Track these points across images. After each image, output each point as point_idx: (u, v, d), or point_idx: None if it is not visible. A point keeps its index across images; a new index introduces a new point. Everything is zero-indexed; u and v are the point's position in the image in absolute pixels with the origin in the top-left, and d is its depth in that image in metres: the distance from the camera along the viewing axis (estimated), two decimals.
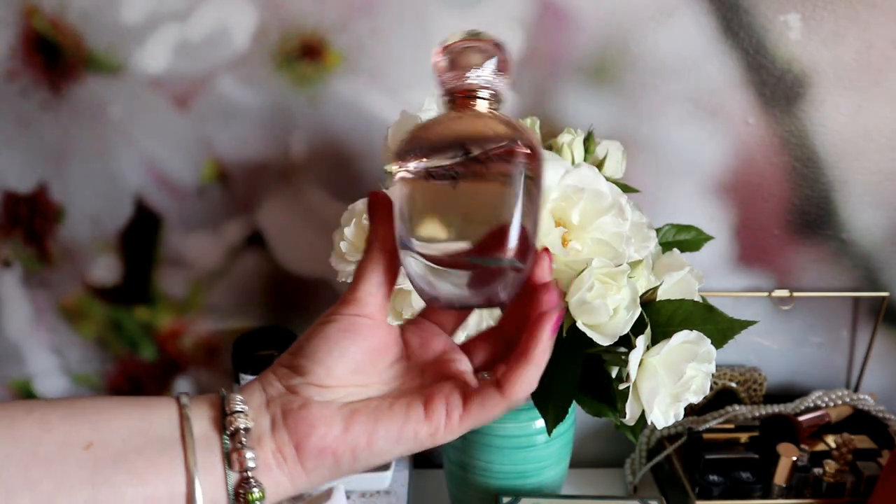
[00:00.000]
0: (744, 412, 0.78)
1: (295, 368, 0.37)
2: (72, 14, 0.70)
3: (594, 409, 0.54)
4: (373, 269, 0.37)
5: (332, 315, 0.37)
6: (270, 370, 0.38)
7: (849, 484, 0.70)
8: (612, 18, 0.70)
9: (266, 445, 0.35)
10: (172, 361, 0.84)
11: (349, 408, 0.36)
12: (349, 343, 0.36)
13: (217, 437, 0.35)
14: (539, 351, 0.35)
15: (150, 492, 0.33)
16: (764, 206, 0.77)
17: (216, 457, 0.34)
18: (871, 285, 0.80)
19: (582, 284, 0.48)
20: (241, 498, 0.34)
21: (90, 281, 0.80)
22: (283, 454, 0.35)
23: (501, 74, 0.37)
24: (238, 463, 0.34)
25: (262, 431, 0.35)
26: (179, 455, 0.34)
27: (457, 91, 0.36)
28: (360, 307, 0.37)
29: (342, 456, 0.35)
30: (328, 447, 0.35)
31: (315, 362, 0.36)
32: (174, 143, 0.75)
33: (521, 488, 0.67)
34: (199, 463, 0.34)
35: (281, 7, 0.70)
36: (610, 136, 0.65)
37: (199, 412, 0.35)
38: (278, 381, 0.37)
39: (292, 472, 0.35)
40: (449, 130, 0.35)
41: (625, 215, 0.52)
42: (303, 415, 0.35)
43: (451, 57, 0.36)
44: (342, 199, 0.77)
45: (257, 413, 0.36)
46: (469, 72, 0.36)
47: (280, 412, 0.36)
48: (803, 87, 0.73)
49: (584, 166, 0.53)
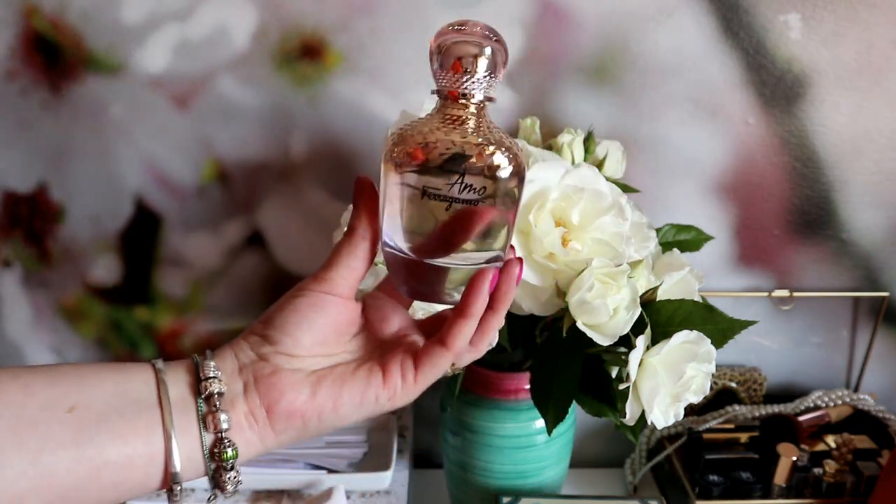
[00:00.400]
0: (744, 412, 0.78)
1: (265, 338, 0.39)
2: (72, 14, 0.70)
3: (594, 409, 0.54)
4: (349, 252, 0.39)
5: (303, 289, 0.39)
6: (242, 338, 0.40)
7: (849, 484, 0.70)
8: (612, 18, 0.70)
9: (239, 408, 0.38)
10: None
11: (316, 375, 0.39)
12: (317, 317, 0.39)
13: (192, 400, 0.37)
14: (475, 306, 0.38)
15: (130, 451, 0.35)
16: (764, 206, 0.77)
17: (192, 418, 0.37)
18: (871, 285, 0.80)
19: (582, 284, 0.48)
20: (215, 456, 0.37)
21: (90, 281, 0.80)
22: (255, 416, 0.38)
23: (495, 76, 0.37)
24: (213, 424, 0.37)
25: (235, 395, 0.38)
26: (157, 417, 0.36)
27: (449, 94, 0.37)
28: (330, 286, 0.39)
29: (310, 419, 0.38)
30: (297, 410, 0.38)
31: (284, 333, 0.39)
32: (174, 143, 0.75)
33: (521, 488, 0.67)
34: (176, 424, 0.36)
35: (281, 7, 0.70)
36: (610, 136, 0.65)
37: (174, 377, 0.38)
38: (250, 349, 0.39)
39: (262, 432, 0.38)
40: (445, 149, 0.36)
41: (625, 215, 0.52)
42: (273, 381, 0.38)
43: (444, 51, 0.37)
44: (342, 199, 0.77)
45: (230, 378, 0.38)
46: (463, 75, 0.36)
47: (252, 378, 0.38)
48: (803, 87, 0.73)
49: (584, 166, 0.53)
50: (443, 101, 0.38)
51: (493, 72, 0.37)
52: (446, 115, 0.37)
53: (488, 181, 0.36)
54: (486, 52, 0.36)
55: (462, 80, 0.36)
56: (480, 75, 0.36)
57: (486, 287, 0.38)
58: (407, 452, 0.78)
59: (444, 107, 0.37)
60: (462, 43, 0.36)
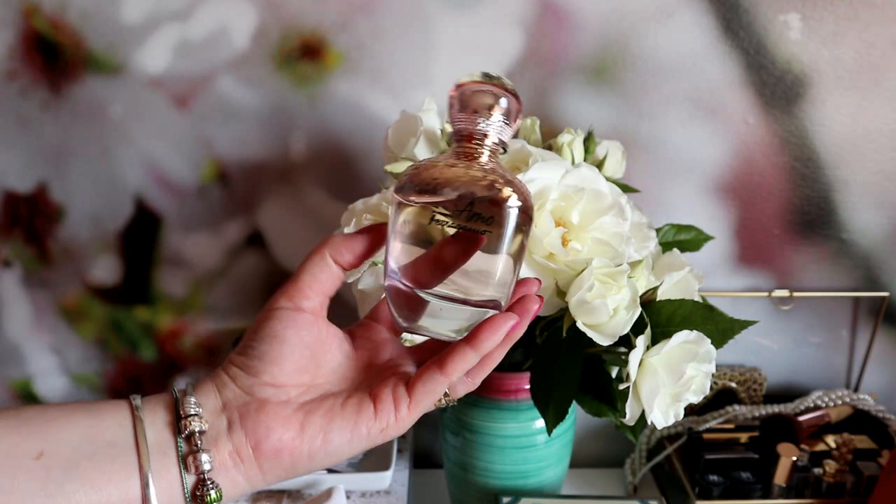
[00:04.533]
0: (744, 412, 0.78)
1: (247, 369, 0.38)
2: (72, 14, 0.70)
3: (594, 409, 0.54)
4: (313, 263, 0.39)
5: (273, 309, 0.38)
6: (223, 370, 0.38)
7: (849, 484, 0.70)
8: (612, 18, 0.71)
9: (223, 447, 0.36)
10: (172, 361, 0.84)
11: (304, 409, 0.37)
12: (292, 336, 0.38)
13: (172, 440, 0.35)
14: (487, 343, 0.37)
15: (103, 498, 0.33)
16: (764, 206, 0.77)
17: (171, 460, 0.35)
18: (871, 285, 0.80)
19: (582, 284, 0.48)
20: (198, 500, 0.35)
21: (90, 281, 0.80)
22: (241, 455, 0.36)
23: (509, 123, 0.38)
24: (194, 466, 0.35)
25: (219, 432, 0.36)
26: (133, 459, 0.34)
27: (464, 134, 0.38)
28: (299, 299, 0.38)
29: (298, 456, 0.36)
30: (285, 448, 0.36)
31: (267, 362, 0.37)
32: (174, 143, 0.75)
33: (521, 488, 0.67)
34: (154, 467, 0.34)
35: (281, 7, 0.70)
36: (610, 136, 0.65)
37: (152, 416, 0.36)
38: (233, 383, 0.38)
39: (248, 471, 0.36)
40: (458, 182, 0.37)
41: (625, 215, 0.52)
42: (260, 417, 0.36)
43: (463, 97, 0.38)
44: (342, 199, 0.77)
45: (213, 415, 0.37)
46: (479, 117, 0.38)
47: (237, 415, 0.37)
48: (803, 87, 0.73)
49: (584, 166, 0.53)
50: (458, 142, 0.39)
51: (507, 119, 0.38)
52: (460, 152, 0.38)
53: (496, 211, 0.37)
54: (502, 101, 0.38)
55: (478, 121, 0.38)
56: (496, 120, 0.38)
57: (504, 330, 0.37)
58: (407, 452, 0.78)
59: (460, 146, 0.39)
60: (481, 91, 0.38)
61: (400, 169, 0.56)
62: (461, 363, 0.37)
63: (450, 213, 0.36)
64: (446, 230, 0.37)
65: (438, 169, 0.38)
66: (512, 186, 0.37)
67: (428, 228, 0.37)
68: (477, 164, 0.38)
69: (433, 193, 0.37)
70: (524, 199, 0.38)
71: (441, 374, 0.37)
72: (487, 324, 0.37)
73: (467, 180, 0.37)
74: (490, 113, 0.38)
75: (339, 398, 0.38)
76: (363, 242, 0.39)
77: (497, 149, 0.39)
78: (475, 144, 0.38)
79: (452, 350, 0.37)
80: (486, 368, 0.39)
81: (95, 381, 0.84)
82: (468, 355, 0.37)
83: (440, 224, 0.37)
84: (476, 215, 0.36)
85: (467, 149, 0.38)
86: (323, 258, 0.39)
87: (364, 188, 0.76)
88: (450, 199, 0.37)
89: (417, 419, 0.38)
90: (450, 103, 0.39)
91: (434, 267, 0.37)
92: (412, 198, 0.37)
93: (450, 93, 0.39)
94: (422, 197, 0.37)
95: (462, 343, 0.37)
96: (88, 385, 0.84)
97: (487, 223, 0.36)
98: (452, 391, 0.40)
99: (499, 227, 0.37)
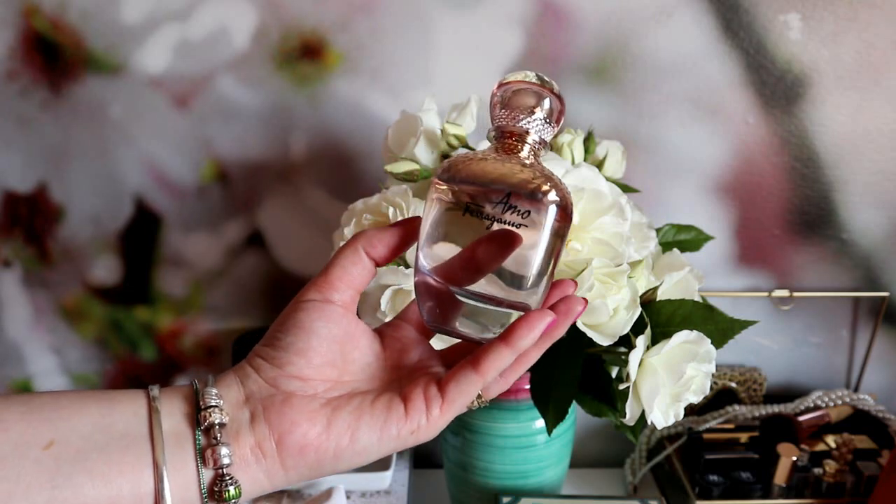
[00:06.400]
0: (744, 412, 0.78)
1: (272, 360, 0.36)
2: (72, 14, 0.70)
3: (594, 409, 0.54)
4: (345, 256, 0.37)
5: (303, 301, 0.37)
6: (247, 362, 0.37)
7: (849, 484, 0.70)
8: (612, 18, 0.71)
9: (244, 440, 0.34)
10: (172, 361, 0.84)
11: (332, 405, 0.35)
12: (321, 328, 0.36)
13: (190, 432, 0.34)
14: (524, 341, 0.35)
15: (113, 491, 0.31)
16: (764, 206, 0.77)
17: (188, 453, 0.33)
18: (871, 285, 0.80)
19: (582, 284, 0.48)
20: (215, 496, 0.33)
21: (90, 281, 0.80)
22: (263, 450, 0.34)
23: (551, 124, 0.38)
24: (212, 460, 0.33)
25: (241, 426, 0.34)
26: (147, 452, 0.32)
27: (506, 131, 0.38)
28: (329, 292, 0.37)
29: (324, 454, 0.35)
30: (310, 444, 0.34)
31: (294, 353, 0.36)
32: (174, 143, 0.75)
33: (521, 488, 0.67)
34: (169, 460, 0.33)
35: (281, 7, 0.70)
36: (610, 136, 0.65)
37: (170, 406, 0.34)
38: (256, 374, 0.36)
39: (270, 468, 0.34)
40: (496, 173, 0.36)
41: (625, 215, 0.52)
42: (285, 410, 0.34)
43: (506, 95, 0.38)
44: (342, 199, 0.77)
45: (234, 408, 0.35)
46: (521, 115, 0.37)
47: (260, 407, 0.35)
48: (803, 87, 0.73)
49: (584, 166, 0.53)
50: (499, 139, 0.38)
51: (549, 119, 0.38)
52: (500, 148, 0.38)
53: (534, 205, 0.35)
54: (545, 101, 0.37)
55: (520, 118, 0.37)
56: (538, 118, 0.37)
57: (541, 328, 0.35)
58: (407, 452, 0.78)
59: (500, 143, 0.38)
60: (524, 90, 0.37)
61: (400, 169, 0.56)
62: (497, 361, 0.35)
63: (484, 205, 0.35)
64: (482, 222, 0.35)
65: (476, 161, 0.37)
66: (551, 183, 0.36)
67: (462, 221, 0.36)
68: (517, 159, 0.37)
69: (469, 183, 0.36)
70: (563, 196, 0.36)
71: (476, 374, 0.35)
72: (524, 321, 0.35)
73: (505, 172, 0.36)
74: (532, 111, 0.37)
75: (369, 396, 0.36)
76: (396, 235, 0.38)
77: (538, 148, 0.38)
78: (515, 141, 0.37)
79: (487, 349, 0.35)
80: (521, 368, 0.38)
81: (95, 381, 0.84)
82: (504, 354, 0.35)
83: (474, 215, 0.35)
84: (512, 208, 0.35)
85: (508, 145, 0.37)
86: (356, 251, 0.38)
87: (364, 188, 0.76)
88: (486, 190, 0.35)
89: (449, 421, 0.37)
90: (491, 101, 0.38)
91: (468, 264, 0.36)
92: (446, 186, 0.36)
93: (492, 91, 0.38)
94: (457, 186, 0.36)
95: (497, 341, 0.35)
96: (88, 385, 0.84)
97: (523, 217, 0.35)
98: (485, 392, 0.38)
99: (536, 223, 0.35)
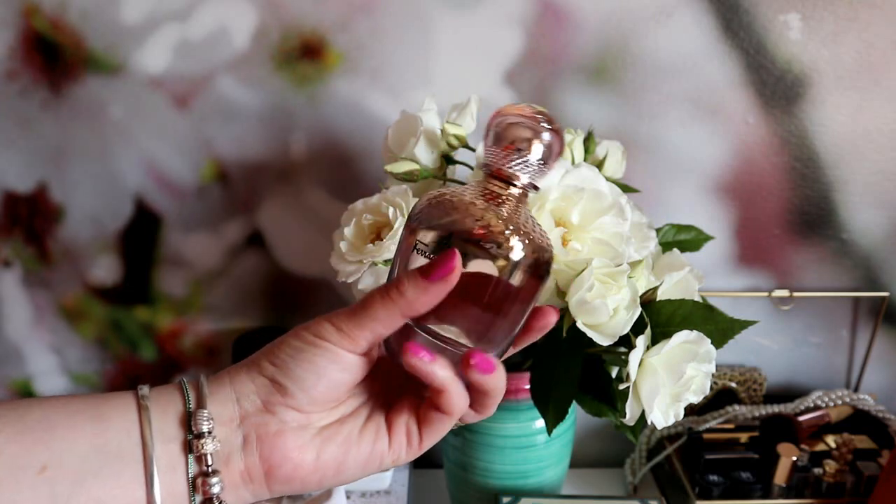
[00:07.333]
0: (744, 412, 0.78)
1: (277, 386, 0.35)
2: (72, 14, 0.70)
3: (594, 409, 0.54)
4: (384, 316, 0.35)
5: (322, 341, 0.35)
6: (247, 374, 0.36)
7: (849, 484, 0.70)
8: (612, 18, 0.70)
9: (234, 465, 0.35)
10: (172, 361, 0.84)
11: (322, 436, 0.36)
12: (335, 375, 0.35)
13: (182, 458, 0.34)
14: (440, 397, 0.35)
15: None
16: (764, 206, 0.77)
17: (180, 476, 0.34)
18: (871, 285, 0.80)
19: (582, 284, 0.48)
20: None
21: (90, 281, 0.80)
22: (252, 475, 0.35)
23: (545, 166, 0.36)
24: (202, 490, 0.34)
25: (233, 450, 0.35)
26: (140, 476, 0.33)
27: (495, 170, 0.36)
28: (353, 346, 0.35)
29: (309, 483, 0.36)
30: (297, 476, 0.35)
31: (300, 388, 0.35)
32: (174, 143, 0.75)
33: (521, 488, 0.67)
34: (161, 482, 0.33)
35: (281, 7, 0.70)
36: (610, 136, 0.65)
37: (162, 428, 0.34)
38: (255, 394, 0.36)
39: (257, 490, 0.36)
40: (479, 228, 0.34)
41: (625, 215, 0.52)
42: (277, 444, 0.35)
43: (500, 129, 0.35)
44: (342, 199, 0.77)
45: (228, 428, 0.35)
46: (513, 156, 0.35)
47: (254, 434, 0.35)
48: (803, 87, 0.73)
49: (584, 166, 0.53)
50: (487, 177, 0.36)
51: (545, 161, 0.36)
52: (485, 191, 0.36)
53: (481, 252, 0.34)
54: (544, 137, 0.35)
55: (512, 159, 0.35)
56: (532, 160, 0.35)
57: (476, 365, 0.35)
58: None
59: (487, 182, 0.36)
60: (520, 125, 0.35)
61: (400, 169, 0.56)
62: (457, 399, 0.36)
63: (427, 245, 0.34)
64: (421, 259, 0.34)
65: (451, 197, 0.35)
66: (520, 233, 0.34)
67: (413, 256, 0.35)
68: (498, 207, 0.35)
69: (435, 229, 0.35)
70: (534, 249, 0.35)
71: (444, 415, 0.36)
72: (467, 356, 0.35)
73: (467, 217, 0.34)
74: (528, 150, 0.35)
75: (358, 422, 0.37)
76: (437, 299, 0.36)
77: (526, 191, 0.36)
78: (501, 186, 0.35)
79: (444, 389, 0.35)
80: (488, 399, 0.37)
81: (95, 381, 0.84)
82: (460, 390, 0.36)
83: (419, 252, 0.35)
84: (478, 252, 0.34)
85: (492, 187, 0.36)
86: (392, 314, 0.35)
87: (364, 188, 0.76)
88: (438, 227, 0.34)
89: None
90: (486, 131, 0.36)
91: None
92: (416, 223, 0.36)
93: (489, 119, 0.36)
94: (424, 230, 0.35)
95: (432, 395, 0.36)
96: (88, 385, 0.84)
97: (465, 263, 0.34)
98: (464, 421, 0.39)
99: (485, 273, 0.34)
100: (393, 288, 0.34)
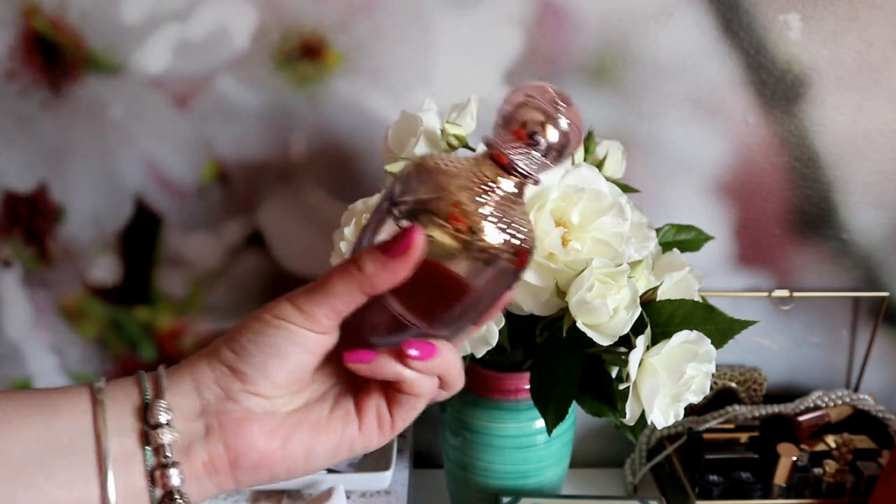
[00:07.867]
0: (744, 412, 0.78)
1: (237, 373, 0.34)
2: (72, 14, 0.70)
3: (594, 409, 0.54)
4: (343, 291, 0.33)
5: (282, 322, 0.34)
6: (206, 363, 0.35)
7: (849, 484, 0.70)
8: (612, 18, 0.70)
9: (196, 456, 0.33)
10: (172, 361, 0.83)
11: (289, 423, 0.35)
12: (296, 355, 0.34)
13: (139, 450, 0.32)
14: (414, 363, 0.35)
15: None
16: (764, 206, 0.77)
17: (136, 469, 0.32)
18: (871, 285, 0.80)
19: (582, 284, 0.48)
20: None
21: (90, 281, 0.80)
22: (216, 466, 0.34)
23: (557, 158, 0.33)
24: (161, 482, 0.32)
25: (193, 439, 0.33)
26: (93, 471, 0.31)
27: (496, 153, 0.33)
28: (312, 324, 0.34)
29: (278, 472, 0.35)
30: (264, 464, 0.34)
31: (261, 374, 0.34)
32: (174, 143, 0.75)
33: (521, 488, 0.67)
34: (116, 475, 0.31)
35: (281, 7, 0.70)
36: (610, 136, 0.65)
37: (117, 419, 0.33)
38: (215, 383, 0.34)
39: (222, 481, 0.34)
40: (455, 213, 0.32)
41: (625, 215, 0.52)
42: (242, 430, 0.34)
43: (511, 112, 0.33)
44: (342, 199, 0.77)
45: (187, 419, 0.34)
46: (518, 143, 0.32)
47: (216, 422, 0.34)
48: (803, 87, 0.73)
49: (584, 166, 0.53)
50: (486, 156, 0.34)
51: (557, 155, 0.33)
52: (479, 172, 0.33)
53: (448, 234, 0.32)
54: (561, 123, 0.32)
55: (516, 148, 0.32)
56: (539, 152, 0.32)
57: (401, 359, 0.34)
58: (407, 452, 0.78)
59: (485, 162, 0.33)
60: (535, 108, 0.32)
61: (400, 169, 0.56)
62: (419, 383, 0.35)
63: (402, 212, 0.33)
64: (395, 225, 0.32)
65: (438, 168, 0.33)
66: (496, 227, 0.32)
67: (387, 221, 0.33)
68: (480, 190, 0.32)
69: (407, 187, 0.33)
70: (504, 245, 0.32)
71: (413, 397, 0.36)
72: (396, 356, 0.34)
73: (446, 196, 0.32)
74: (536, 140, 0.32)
75: (325, 406, 0.36)
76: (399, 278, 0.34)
77: (525, 183, 0.33)
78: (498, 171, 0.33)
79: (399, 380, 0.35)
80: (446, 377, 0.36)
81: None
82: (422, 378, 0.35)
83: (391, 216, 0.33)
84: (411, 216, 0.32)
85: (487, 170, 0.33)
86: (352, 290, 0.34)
87: (364, 188, 0.76)
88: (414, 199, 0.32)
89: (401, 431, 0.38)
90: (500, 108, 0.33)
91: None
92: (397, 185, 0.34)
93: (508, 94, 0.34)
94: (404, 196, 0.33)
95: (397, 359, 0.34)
96: None
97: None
98: (434, 400, 0.38)
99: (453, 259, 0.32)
100: (352, 263, 0.33)
